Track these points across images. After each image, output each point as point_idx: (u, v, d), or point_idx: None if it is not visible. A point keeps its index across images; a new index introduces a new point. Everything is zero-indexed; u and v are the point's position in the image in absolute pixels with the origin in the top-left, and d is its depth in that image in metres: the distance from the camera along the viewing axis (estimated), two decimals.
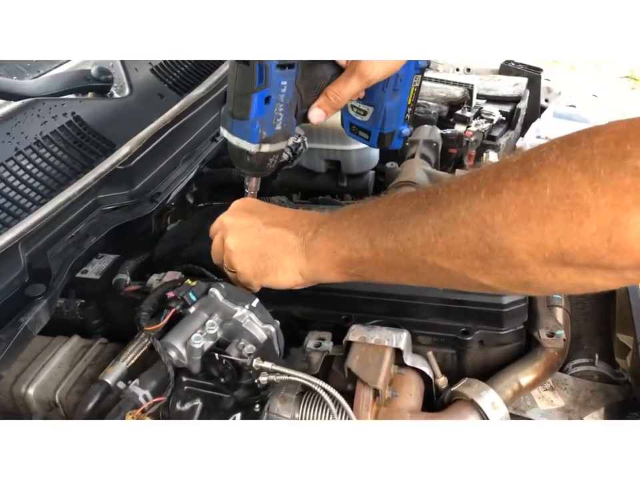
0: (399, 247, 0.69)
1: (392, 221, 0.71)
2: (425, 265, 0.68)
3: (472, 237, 0.61)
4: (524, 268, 0.59)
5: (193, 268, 1.09)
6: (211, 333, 0.89)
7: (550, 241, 0.55)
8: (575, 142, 0.55)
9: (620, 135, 0.52)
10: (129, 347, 0.94)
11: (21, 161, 1.01)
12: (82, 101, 1.20)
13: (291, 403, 0.90)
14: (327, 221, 0.82)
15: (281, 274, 0.85)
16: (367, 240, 0.74)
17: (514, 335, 1.01)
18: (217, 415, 0.93)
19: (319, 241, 0.80)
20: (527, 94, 2.07)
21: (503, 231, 0.58)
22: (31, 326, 0.89)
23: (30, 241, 0.97)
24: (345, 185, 1.78)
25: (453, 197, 0.64)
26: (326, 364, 0.99)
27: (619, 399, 0.99)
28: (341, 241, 0.77)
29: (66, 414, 1.01)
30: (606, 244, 0.52)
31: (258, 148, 0.95)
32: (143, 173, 1.21)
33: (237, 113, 0.93)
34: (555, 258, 0.56)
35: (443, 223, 0.64)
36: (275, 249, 0.85)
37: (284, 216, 0.88)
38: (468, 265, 0.64)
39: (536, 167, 0.57)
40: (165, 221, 1.44)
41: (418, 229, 0.67)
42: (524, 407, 1.00)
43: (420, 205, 0.68)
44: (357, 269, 0.78)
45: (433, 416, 0.93)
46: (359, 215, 0.77)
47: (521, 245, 0.57)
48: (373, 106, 1.11)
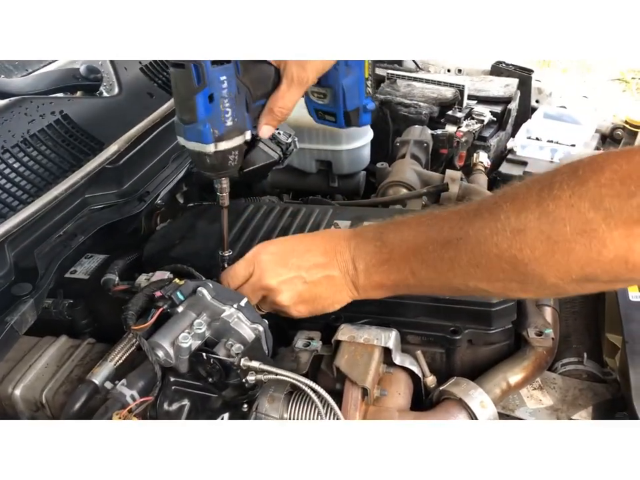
0: (440, 277, 0.80)
1: (426, 254, 0.80)
2: (468, 287, 0.78)
3: (506, 268, 0.71)
4: (556, 287, 0.70)
5: (182, 267, 1.08)
6: (198, 333, 0.88)
7: (575, 267, 0.66)
8: (582, 181, 0.64)
9: (623, 175, 0.61)
10: (117, 347, 0.93)
11: (8, 159, 1.00)
12: (70, 100, 1.20)
13: (279, 403, 0.90)
14: (359, 255, 0.89)
15: (337, 305, 0.95)
16: (408, 272, 0.83)
17: (503, 334, 1.01)
18: (205, 414, 0.92)
19: (363, 278, 0.89)
20: (517, 95, 2.08)
21: (533, 263, 0.68)
22: (17, 325, 0.89)
23: (16, 239, 0.97)
24: (336, 185, 1.78)
25: (479, 234, 0.73)
26: (315, 363, 0.99)
27: (607, 398, 0.99)
28: (384, 274, 0.86)
29: (53, 414, 1.00)
30: (624, 266, 0.63)
31: (214, 147, 0.94)
32: (132, 172, 1.20)
33: (185, 117, 0.93)
34: (581, 278, 0.67)
35: (477, 257, 0.73)
36: (327, 291, 0.92)
37: (316, 257, 0.93)
38: (507, 287, 0.75)
39: (552, 207, 0.65)
40: (154, 221, 1.43)
41: (455, 263, 0.76)
42: (513, 406, 1.00)
43: (449, 240, 0.77)
44: (404, 290, 0.88)
45: (422, 415, 0.93)
46: (388, 249, 0.85)
47: (551, 272, 0.68)
48: (329, 87, 1.11)
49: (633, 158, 0.62)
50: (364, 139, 1.71)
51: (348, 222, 1.21)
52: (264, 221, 1.25)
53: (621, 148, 0.65)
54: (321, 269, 0.91)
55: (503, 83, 2.10)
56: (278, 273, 0.93)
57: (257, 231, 1.22)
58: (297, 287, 0.92)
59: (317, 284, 0.92)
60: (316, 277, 0.92)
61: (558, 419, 0.96)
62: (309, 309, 0.95)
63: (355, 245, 0.90)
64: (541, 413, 0.98)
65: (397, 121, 1.94)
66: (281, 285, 0.93)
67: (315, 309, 0.95)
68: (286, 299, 0.93)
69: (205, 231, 1.23)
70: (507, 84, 2.09)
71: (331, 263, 0.91)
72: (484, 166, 1.70)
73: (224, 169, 0.99)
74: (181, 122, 0.95)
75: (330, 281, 0.91)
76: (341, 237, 0.92)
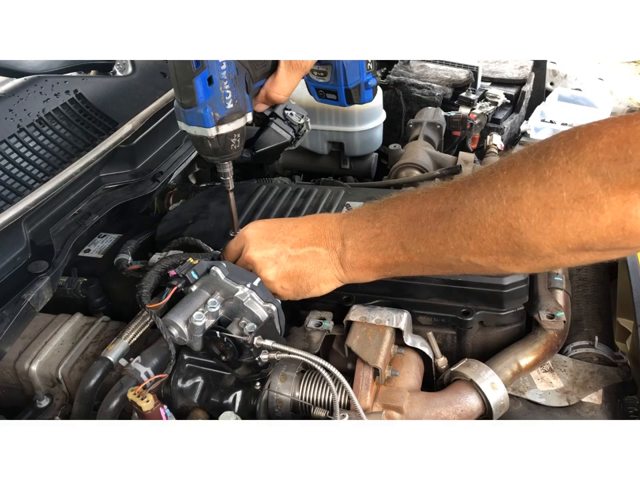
0: (432, 250, 0.77)
1: (418, 227, 0.78)
2: (460, 262, 0.76)
3: (500, 238, 0.69)
4: (550, 258, 0.68)
5: (189, 239, 1.09)
6: (212, 311, 0.89)
7: (571, 235, 0.64)
8: (579, 146, 0.62)
9: (620, 139, 0.59)
10: (131, 325, 0.94)
11: (24, 138, 1.01)
12: (84, 79, 1.20)
13: (291, 381, 0.91)
14: (349, 231, 0.87)
15: (323, 285, 0.92)
16: (399, 247, 0.80)
17: (514, 316, 1.01)
18: (218, 392, 0.93)
19: (351, 254, 0.86)
20: (532, 77, 2.06)
21: (528, 232, 0.66)
22: (34, 302, 0.90)
23: (32, 218, 0.98)
24: (348, 166, 1.77)
25: (475, 203, 0.71)
26: (326, 343, 1.00)
27: (618, 381, 0.99)
28: (372, 251, 0.84)
29: (69, 390, 1.02)
30: (620, 232, 0.61)
31: (216, 131, 0.94)
32: (145, 152, 1.21)
33: (185, 101, 0.91)
34: (577, 248, 0.65)
35: (471, 228, 0.71)
36: (311, 267, 0.90)
37: (304, 233, 0.91)
38: (500, 260, 0.72)
39: (549, 173, 0.64)
40: (167, 201, 1.44)
41: (448, 235, 0.74)
42: (523, 388, 1.00)
43: (443, 211, 0.75)
44: (393, 271, 0.85)
45: (433, 395, 0.94)
46: (380, 223, 0.83)
47: (546, 241, 0.66)
48: (329, 64, 1.11)
49: (631, 122, 0.60)
50: (376, 121, 1.70)
51: (360, 203, 1.21)
52: (276, 202, 1.25)
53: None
54: (307, 244, 0.90)
55: (517, 64, 2.08)
56: (263, 246, 0.92)
57: (269, 212, 1.22)
58: (281, 262, 0.91)
59: (302, 258, 0.90)
60: (300, 252, 0.90)
61: (568, 402, 0.97)
62: (294, 287, 0.92)
63: (346, 223, 0.88)
64: (551, 395, 0.98)
65: (409, 102, 1.93)
66: (265, 260, 0.91)
67: (300, 287, 0.92)
68: (270, 274, 0.91)
69: (217, 211, 1.24)
70: (522, 66, 2.06)
71: (318, 239, 0.89)
72: (497, 148, 1.68)
73: (227, 153, 0.98)
74: (180, 106, 0.93)
75: (315, 256, 0.89)
76: (333, 217, 0.91)
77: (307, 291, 0.92)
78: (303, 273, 0.91)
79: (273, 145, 1.31)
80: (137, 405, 0.80)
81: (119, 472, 0.62)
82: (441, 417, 0.91)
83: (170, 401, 0.92)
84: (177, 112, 0.96)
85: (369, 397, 0.90)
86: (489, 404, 0.92)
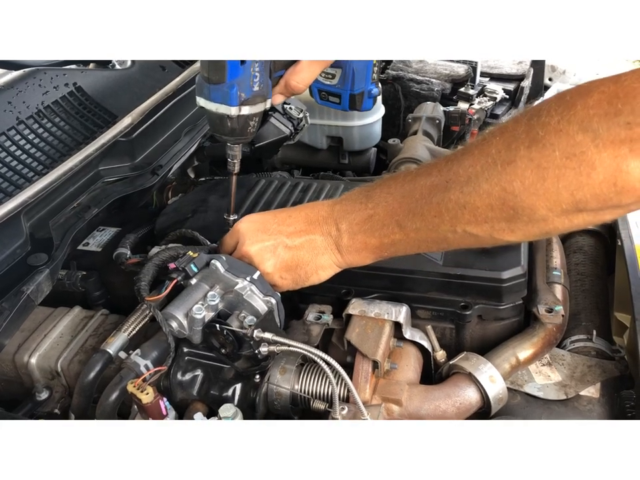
0: (427, 224, 0.76)
1: (413, 202, 0.77)
2: (455, 234, 0.76)
3: (495, 204, 0.69)
4: (544, 221, 0.68)
5: (186, 232, 1.09)
6: (212, 304, 0.89)
7: (565, 194, 0.64)
8: (570, 105, 0.63)
9: (610, 95, 0.60)
10: (130, 318, 0.94)
11: (23, 130, 1.01)
12: (83, 72, 1.20)
13: (290, 374, 0.91)
14: (342, 216, 0.86)
15: (321, 272, 0.91)
16: (394, 225, 0.80)
17: (513, 310, 1.02)
18: (218, 385, 0.94)
19: (346, 238, 0.86)
20: (530, 72, 2.06)
21: (523, 194, 0.66)
22: (33, 295, 0.90)
23: (32, 210, 0.97)
24: (347, 161, 1.78)
25: (469, 172, 0.71)
26: (325, 337, 1.00)
27: (615, 375, 1.00)
28: (368, 232, 0.83)
29: (68, 383, 1.02)
30: (612, 188, 0.62)
31: (238, 111, 0.93)
32: (145, 145, 1.20)
33: (213, 77, 0.90)
34: (571, 208, 0.65)
35: (466, 196, 0.71)
36: (308, 255, 0.90)
37: (298, 222, 0.91)
38: (495, 227, 0.72)
39: (542, 133, 0.64)
40: (166, 195, 1.44)
41: (442, 206, 0.74)
42: (521, 382, 1.00)
43: (437, 183, 0.75)
44: (389, 250, 0.84)
45: (431, 388, 0.94)
46: (374, 203, 0.82)
47: (541, 202, 0.66)
48: (340, 68, 1.11)
49: (620, 79, 0.61)
50: (375, 115, 1.70)
51: None
52: (275, 196, 1.25)
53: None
54: (303, 233, 0.89)
55: (516, 60, 2.08)
56: (259, 239, 0.92)
57: (268, 206, 1.22)
58: (278, 253, 0.90)
59: (299, 248, 0.90)
60: (297, 241, 0.90)
61: (566, 395, 0.97)
62: (293, 277, 0.92)
63: (338, 208, 0.88)
64: (550, 388, 0.99)
65: (408, 97, 1.93)
66: (263, 252, 0.91)
67: (299, 276, 0.92)
68: (269, 266, 0.91)
69: (216, 205, 1.24)
70: (520, 61, 2.07)
71: (313, 228, 0.89)
72: None
73: (242, 135, 0.98)
74: (206, 81, 0.92)
75: (311, 243, 0.89)
76: (325, 204, 0.91)
77: (306, 280, 0.92)
78: (301, 262, 0.90)
79: (272, 139, 1.31)
80: (137, 397, 0.80)
81: (117, 472, 0.62)
82: (439, 409, 0.91)
83: (169, 394, 0.92)
84: (198, 87, 0.95)
85: (368, 389, 0.90)
86: (488, 397, 0.92)
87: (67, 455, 0.63)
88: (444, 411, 0.92)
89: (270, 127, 1.32)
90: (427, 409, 0.91)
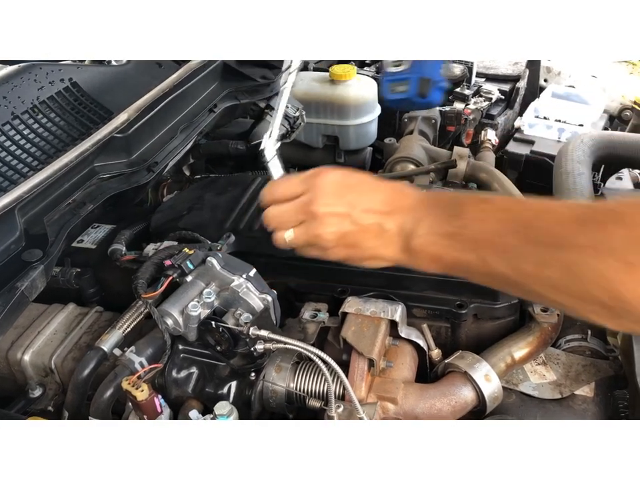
0: (516, 277, 0.67)
1: (503, 246, 0.68)
2: (541, 297, 0.68)
3: (604, 300, 0.60)
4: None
5: (187, 234, 1.09)
6: (207, 302, 0.89)
7: None
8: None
9: None
10: (125, 315, 0.94)
11: (18, 125, 1.00)
12: (79, 67, 1.19)
13: (286, 372, 0.91)
14: (425, 217, 0.76)
15: (377, 262, 0.82)
16: (476, 257, 0.70)
17: (508, 309, 1.02)
18: (213, 382, 0.93)
19: (420, 243, 0.75)
20: (526, 73, 2.07)
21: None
22: (28, 291, 0.89)
23: (27, 206, 0.96)
24: (342, 160, 1.78)
25: (572, 255, 0.62)
26: (321, 335, 1.00)
27: (610, 374, 1.00)
28: (445, 248, 0.73)
29: (62, 380, 1.02)
30: None
31: None
32: (140, 142, 1.19)
33: None
34: None
35: (570, 278, 0.62)
36: (372, 241, 0.79)
37: (376, 202, 0.80)
38: (595, 312, 0.62)
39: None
40: (161, 193, 1.44)
41: (539, 269, 0.64)
42: (516, 381, 1.01)
43: (534, 240, 0.66)
44: (461, 273, 0.75)
45: (427, 387, 0.94)
46: (461, 223, 0.72)
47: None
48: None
49: None
50: (371, 115, 1.71)
51: None
52: None
53: None
54: (376, 215, 0.79)
55: (511, 61, 2.08)
56: (330, 203, 0.80)
57: None
58: (343, 225, 0.79)
59: (366, 230, 0.79)
60: (367, 221, 0.79)
61: (561, 394, 0.97)
62: (348, 253, 0.82)
63: (426, 205, 0.77)
64: (544, 387, 0.99)
65: None
66: (328, 217, 0.80)
67: (354, 256, 0.82)
68: (328, 234, 0.80)
69: (212, 203, 1.23)
70: (516, 62, 2.07)
71: (390, 214, 0.78)
72: (491, 144, 1.69)
73: None
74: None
75: (380, 230, 0.78)
76: (413, 193, 0.80)
77: (359, 262, 0.83)
78: (363, 245, 0.80)
79: None
80: (132, 394, 0.80)
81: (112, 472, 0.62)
82: (435, 408, 0.91)
83: (164, 391, 0.92)
84: None
85: (364, 387, 0.90)
86: (483, 396, 0.92)
87: (61, 455, 0.62)
88: (439, 409, 0.92)
89: (266, 125, 1.32)
90: (422, 407, 0.91)
